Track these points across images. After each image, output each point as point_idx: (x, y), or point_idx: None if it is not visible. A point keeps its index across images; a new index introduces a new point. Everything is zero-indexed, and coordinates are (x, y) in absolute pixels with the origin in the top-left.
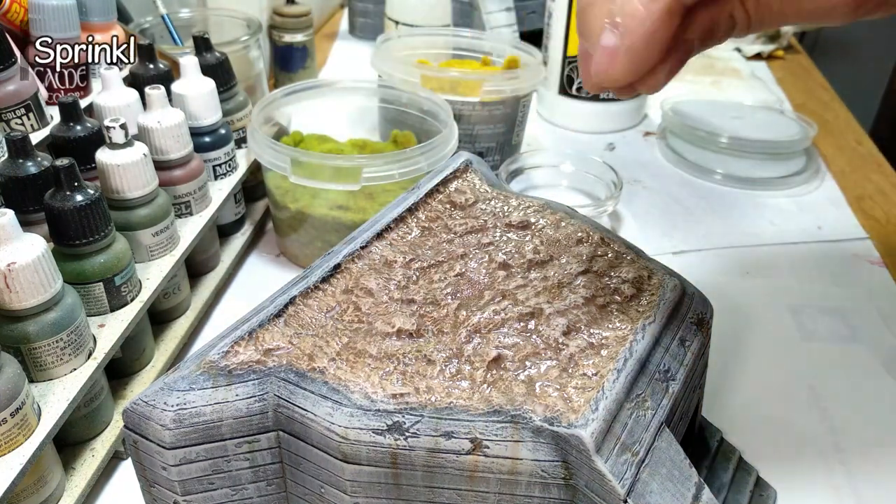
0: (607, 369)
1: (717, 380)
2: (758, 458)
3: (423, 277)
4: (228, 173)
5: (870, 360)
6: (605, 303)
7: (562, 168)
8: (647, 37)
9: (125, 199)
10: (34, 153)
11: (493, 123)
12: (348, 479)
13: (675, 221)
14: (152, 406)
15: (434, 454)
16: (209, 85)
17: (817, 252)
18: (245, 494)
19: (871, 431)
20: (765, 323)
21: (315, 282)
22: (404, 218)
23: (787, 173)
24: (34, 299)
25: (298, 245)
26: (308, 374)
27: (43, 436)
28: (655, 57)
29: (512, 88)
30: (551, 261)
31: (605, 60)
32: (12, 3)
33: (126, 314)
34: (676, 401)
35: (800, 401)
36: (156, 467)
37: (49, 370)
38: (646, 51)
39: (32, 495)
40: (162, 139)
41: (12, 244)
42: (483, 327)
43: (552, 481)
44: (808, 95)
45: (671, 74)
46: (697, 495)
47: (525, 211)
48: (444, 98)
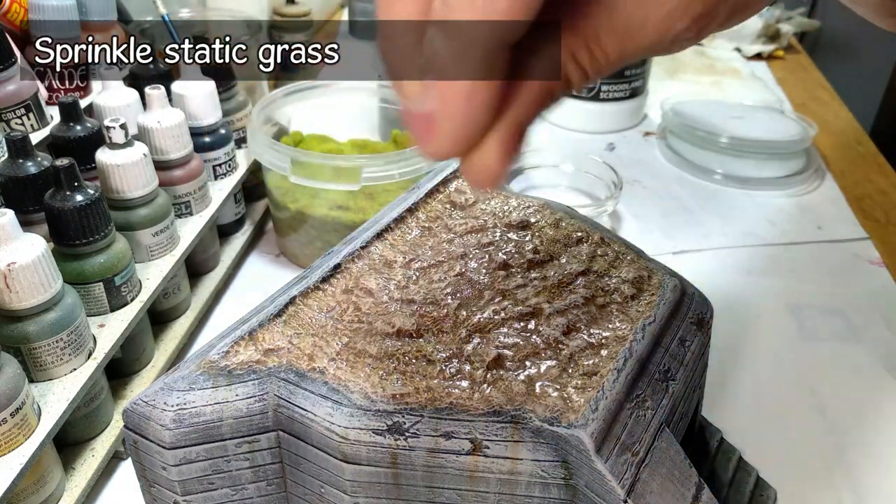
0: (607, 369)
1: (717, 380)
2: (758, 458)
3: (423, 277)
4: (228, 173)
5: (870, 360)
6: (605, 303)
7: (562, 168)
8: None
9: (125, 199)
10: (34, 153)
11: None
12: (348, 479)
13: (675, 221)
14: (152, 406)
15: (434, 454)
16: (209, 85)
17: (817, 252)
18: (245, 494)
19: (871, 431)
20: (765, 323)
21: (315, 282)
22: (404, 218)
23: (787, 173)
24: (34, 299)
25: (298, 245)
26: (308, 374)
27: (43, 436)
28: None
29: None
30: (551, 261)
31: (424, 128)
32: (12, 3)
33: (126, 314)
34: (676, 401)
35: (800, 401)
36: (156, 467)
37: (49, 370)
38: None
39: (32, 495)
40: (162, 139)
41: (12, 244)
42: (483, 327)
43: (552, 481)
44: (808, 95)
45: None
46: (697, 495)
47: (525, 211)
48: None
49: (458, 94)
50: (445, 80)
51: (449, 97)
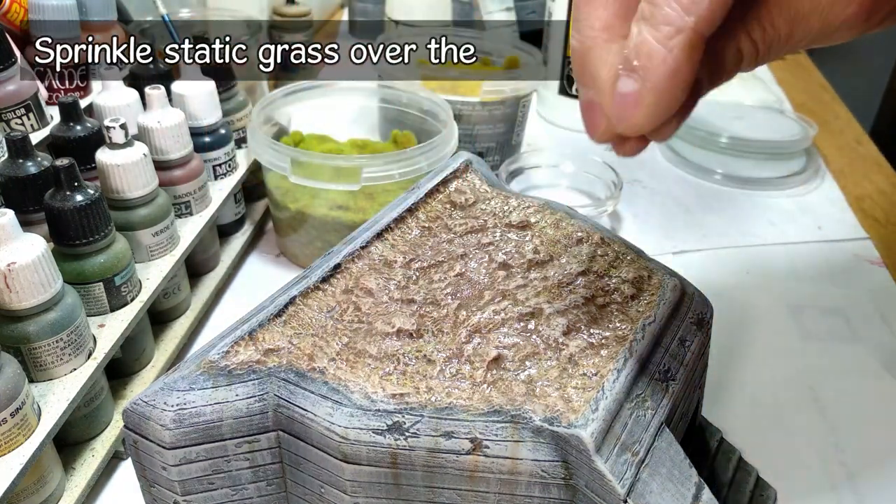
0: (607, 369)
1: (717, 380)
2: (758, 458)
3: (423, 277)
4: (228, 173)
5: (870, 360)
6: (605, 303)
7: (562, 168)
8: (670, 77)
9: (125, 199)
10: (34, 153)
11: (493, 123)
12: (348, 479)
13: (675, 221)
14: (152, 406)
15: (434, 454)
16: (209, 85)
17: (817, 252)
18: (245, 494)
19: (871, 431)
20: (765, 323)
21: (315, 282)
22: (404, 218)
23: (787, 173)
24: (34, 299)
25: (298, 245)
26: (308, 374)
27: (43, 436)
28: (681, 97)
29: (512, 88)
30: (551, 261)
31: (627, 107)
32: (12, 3)
33: (126, 314)
34: (676, 401)
35: (800, 401)
36: (156, 467)
37: (49, 370)
38: (671, 92)
39: (32, 495)
40: (162, 139)
41: (12, 244)
42: (483, 327)
43: (552, 481)
44: (808, 95)
45: (682, 120)
46: (697, 495)
47: (525, 211)
48: (444, 98)
49: (665, 71)
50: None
51: (656, 76)
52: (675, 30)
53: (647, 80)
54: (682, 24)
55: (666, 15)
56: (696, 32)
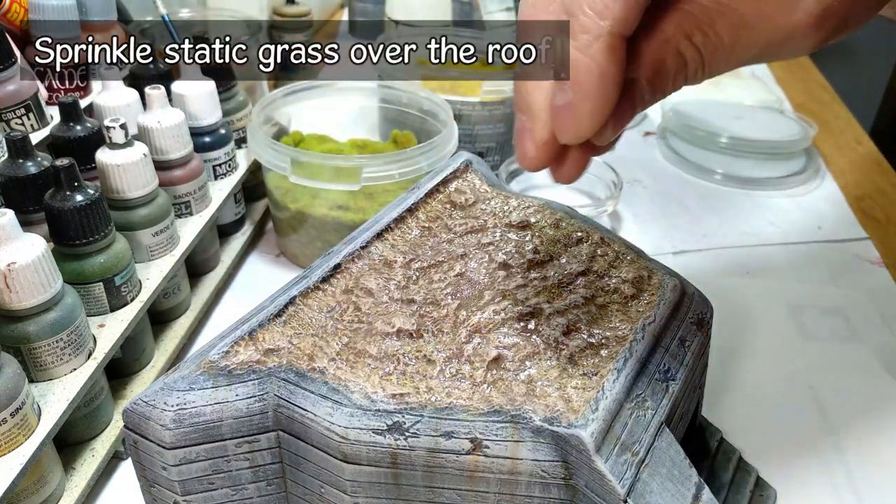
0: (607, 369)
1: (717, 380)
2: (758, 458)
3: (423, 277)
4: (228, 173)
5: (870, 360)
6: (605, 303)
7: None
8: (597, 81)
9: (125, 199)
10: (34, 153)
11: (493, 123)
12: (348, 479)
13: (675, 221)
14: (152, 406)
15: (434, 454)
16: (209, 85)
17: (817, 252)
18: (245, 494)
19: (871, 431)
20: (765, 323)
21: (315, 282)
22: (404, 218)
23: (787, 173)
24: (34, 299)
25: (298, 245)
26: (308, 374)
27: (43, 436)
28: (613, 97)
29: (512, 88)
30: (551, 261)
31: (565, 118)
32: (12, 3)
33: (126, 314)
34: (676, 401)
35: (800, 401)
36: (156, 467)
37: (49, 370)
38: (601, 94)
39: (32, 495)
40: (162, 139)
41: (12, 244)
42: (483, 327)
43: (552, 481)
44: (808, 95)
45: (620, 125)
46: (697, 495)
47: (525, 211)
48: (444, 98)
49: (591, 78)
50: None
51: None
52: (592, 37)
53: (578, 89)
54: (598, 30)
55: (583, 24)
56: (614, 35)
